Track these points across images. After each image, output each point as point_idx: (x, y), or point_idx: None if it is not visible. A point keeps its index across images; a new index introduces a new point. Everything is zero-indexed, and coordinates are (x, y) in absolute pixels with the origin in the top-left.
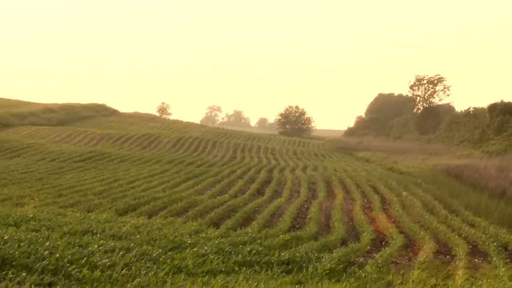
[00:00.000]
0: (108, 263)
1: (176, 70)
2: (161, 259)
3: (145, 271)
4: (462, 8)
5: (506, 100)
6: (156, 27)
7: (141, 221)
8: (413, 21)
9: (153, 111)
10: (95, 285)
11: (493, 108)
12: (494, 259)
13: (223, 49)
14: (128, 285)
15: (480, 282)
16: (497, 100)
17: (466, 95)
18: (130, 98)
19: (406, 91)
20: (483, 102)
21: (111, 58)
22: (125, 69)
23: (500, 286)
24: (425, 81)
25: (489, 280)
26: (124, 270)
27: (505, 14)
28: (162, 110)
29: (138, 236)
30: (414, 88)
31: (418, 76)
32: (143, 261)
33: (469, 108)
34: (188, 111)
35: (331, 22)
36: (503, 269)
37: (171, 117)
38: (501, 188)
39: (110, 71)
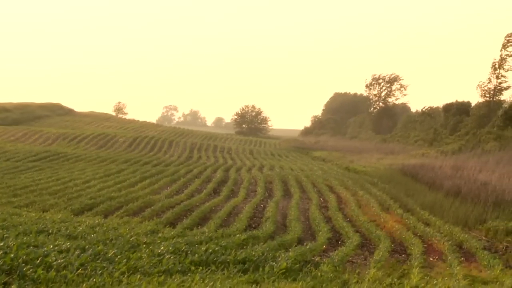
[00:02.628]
0: (63, 263)
1: (132, 69)
2: (116, 259)
3: (100, 271)
4: (417, 9)
5: (461, 100)
6: (111, 26)
7: (96, 221)
8: (369, 21)
9: (109, 110)
10: (50, 285)
11: (448, 108)
12: (449, 257)
13: (179, 48)
14: (84, 285)
15: (435, 281)
16: (452, 100)
17: (421, 95)
18: (86, 98)
19: (362, 91)
20: (438, 102)
21: (67, 57)
22: (81, 68)
23: (455, 284)
24: (381, 80)
25: (444, 278)
26: (79, 270)
27: (460, 16)
28: (118, 109)
29: (94, 236)
30: (370, 87)
31: (375, 75)
32: (98, 261)
33: (424, 108)
34: (144, 110)
35: (286, 22)
36: (457, 268)
37: (127, 117)
38: (456, 187)
39: (66, 70)
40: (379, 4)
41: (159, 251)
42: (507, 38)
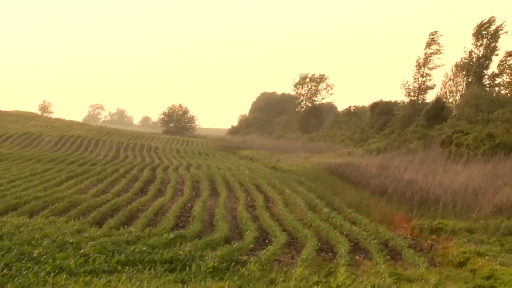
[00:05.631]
0: None
1: (57, 67)
2: (42, 259)
3: (25, 271)
4: (341, 9)
5: (387, 99)
6: (35, 22)
7: (22, 221)
8: (294, 21)
9: (35, 109)
10: None
11: (374, 107)
12: (375, 256)
13: (104, 46)
14: (8, 285)
15: (361, 279)
16: (378, 99)
17: (348, 94)
18: (11, 96)
19: (289, 90)
20: (364, 101)
21: None
22: (5, 66)
23: (380, 282)
24: (308, 80)
25: (370, 277)
26: (4, 270)
27: (385, 16)
28: (44, 108)
29: (19, 236)
30: (298, 86)
31: (303, 74)
32: (23, 261)
33: (349, 107)
34: (70, 109)
35: (214, 20)
36: (383, 266)
37: (53, 116)
38: (382, 186)
39: None
40: (303, 3)
41: (86, 251)
42: (431, 37)
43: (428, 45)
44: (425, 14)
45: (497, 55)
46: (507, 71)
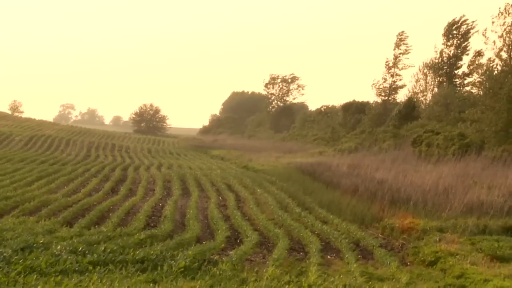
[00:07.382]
0: None
1: (27, 66)
2: (13, 259)
3: None
4: (316, 9)
5: (358, 99)
6: (2, 20)
7: None
8: (268, 20)
9: (5, 109)
10: None
11: (348, 107)
12: (346, 255)
13: (74, 44)
14: None
15: (333, 279)
16: (349, 99)
17: (319, 94)
18: None
19: (260, 89)
20: (335, 101)
21: None
22: None
23: (351, 282)
24: (279, 80)
25: (341, 276)
26: None
27: (357, 16)
28: (14, 108)
29: None
30: (268, 86)
31: (273, 74)
32: None
33: (321, 107)
34: (41, 109)
35: (183, 19)
36: (354, 265)
37: (24, 115)
38: (353, 186)
39: None
40: (273, 3)
41: (56, 251)
42: (399, 37)
43: (397, 45)
44: (399, 13)
45: (467, 54)
46: (478, 70)
